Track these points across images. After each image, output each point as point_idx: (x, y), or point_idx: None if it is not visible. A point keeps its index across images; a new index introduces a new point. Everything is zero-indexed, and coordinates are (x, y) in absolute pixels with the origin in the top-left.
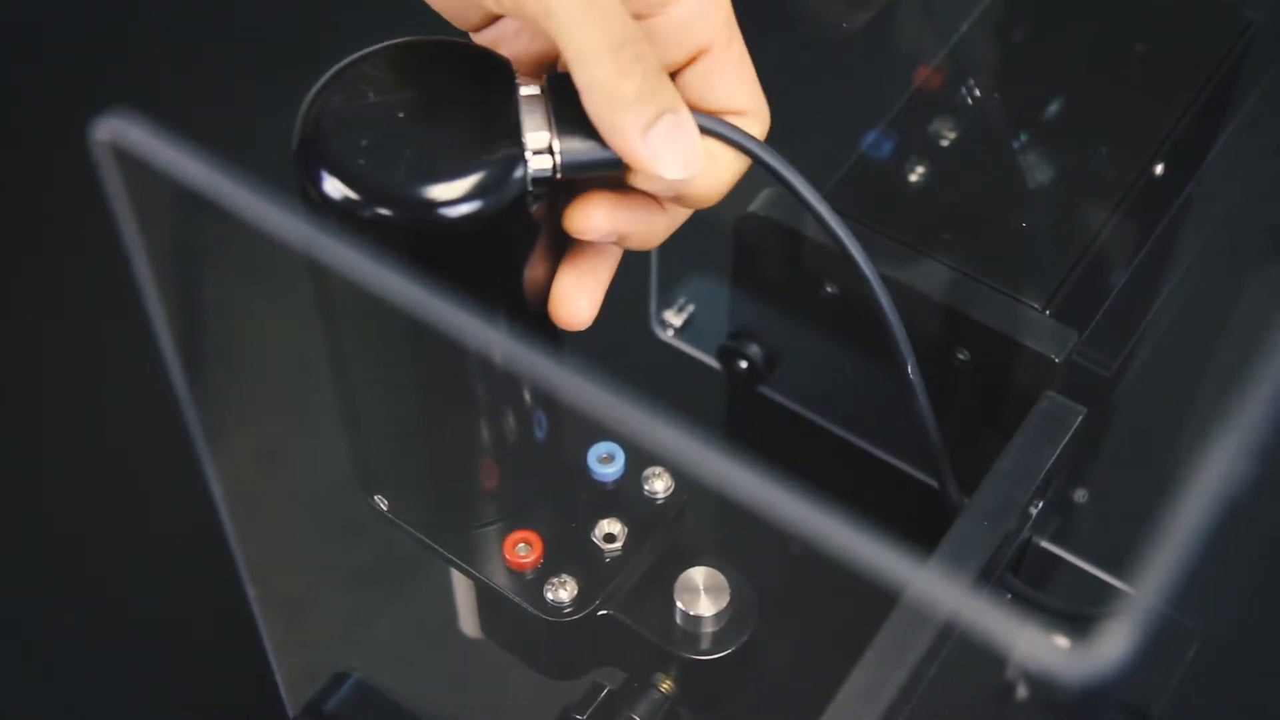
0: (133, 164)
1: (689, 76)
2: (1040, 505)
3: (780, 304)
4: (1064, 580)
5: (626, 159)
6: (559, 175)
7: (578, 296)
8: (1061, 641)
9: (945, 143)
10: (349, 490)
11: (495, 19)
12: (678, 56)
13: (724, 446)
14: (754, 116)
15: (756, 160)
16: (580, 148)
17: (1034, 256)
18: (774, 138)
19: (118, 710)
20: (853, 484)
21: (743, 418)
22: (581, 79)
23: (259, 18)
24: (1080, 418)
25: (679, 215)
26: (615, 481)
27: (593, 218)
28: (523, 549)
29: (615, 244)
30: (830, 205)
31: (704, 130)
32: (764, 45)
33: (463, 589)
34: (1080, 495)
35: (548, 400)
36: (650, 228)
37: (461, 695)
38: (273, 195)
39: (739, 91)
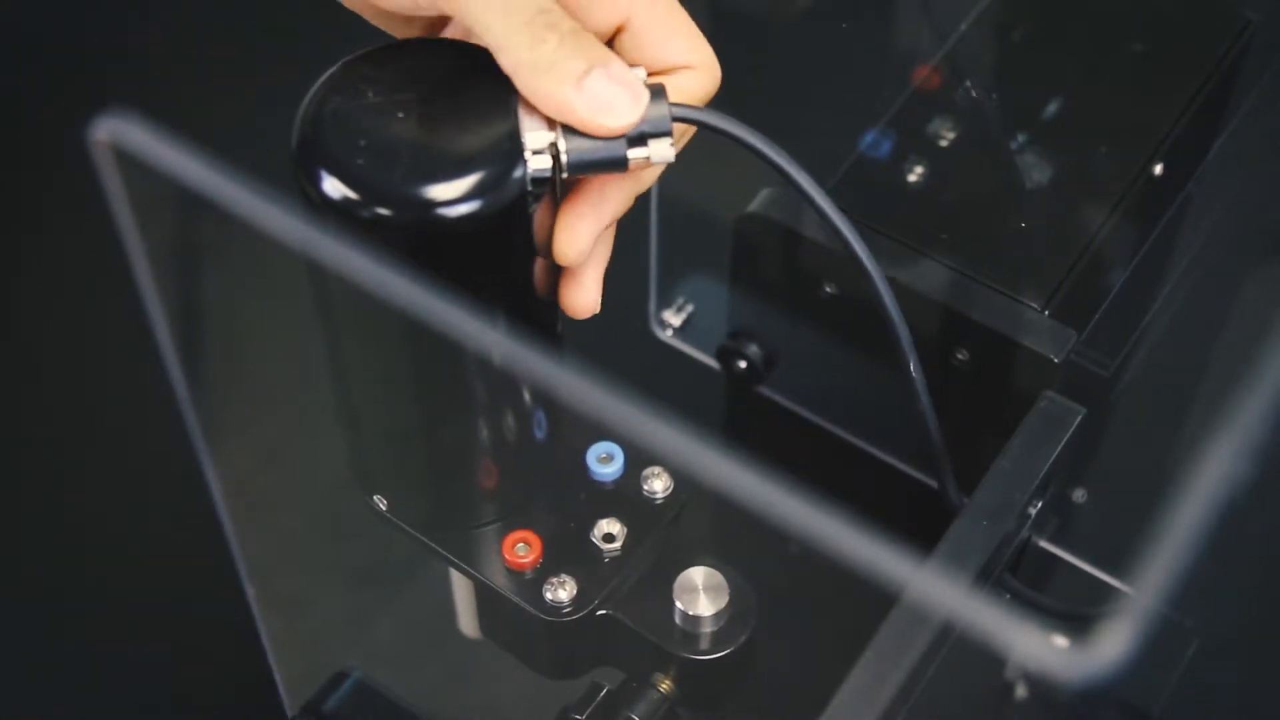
0: (132, 164)
1: (622, 41)
2: (1039, 505)
3: (779, 304)
4: (1063, 580)
5: (569, 120)
6: (564, 174)
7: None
8: (1060, 641)
9: (944, 143)
10: (348, 490)
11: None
12: (608, 18)
13: (723, 446)
14: (700, 70)
15: (758, 155)
16: (585, 146)
17: (1033, 256)
18: (772, 136)
19: (118, 710)
20: (852, 484)
21: (742, 418)
22: (506, 63)
23: (259, 17)
24: (1079, 418)
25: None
26: (614, 481)
27: (580, 238)
28: (522, 549)
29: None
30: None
31: (701, 125)
32: (763, 45)
33: (462, 589)
34: (1079, 495)
35: (547, 400)
36: (625, 197)
37: (461, 695)
38: (272, 195)
39: (673, 45)
